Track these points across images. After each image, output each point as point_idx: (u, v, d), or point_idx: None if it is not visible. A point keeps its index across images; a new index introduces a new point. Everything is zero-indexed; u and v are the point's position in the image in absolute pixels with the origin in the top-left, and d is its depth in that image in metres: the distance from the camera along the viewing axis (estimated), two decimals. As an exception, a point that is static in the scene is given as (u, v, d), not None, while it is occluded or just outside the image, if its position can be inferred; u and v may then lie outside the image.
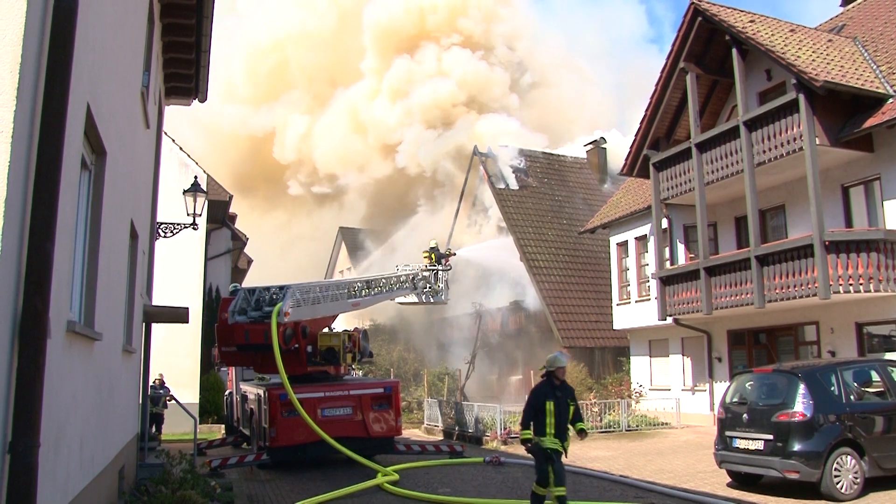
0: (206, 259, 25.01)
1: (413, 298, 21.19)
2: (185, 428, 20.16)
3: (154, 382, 19.31)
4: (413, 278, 20.83)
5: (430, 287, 21.32)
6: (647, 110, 22.64)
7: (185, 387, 21.78)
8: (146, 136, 11.11)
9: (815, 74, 16.38)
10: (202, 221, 22.29)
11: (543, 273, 31.05)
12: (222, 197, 26.17)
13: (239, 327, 14.89)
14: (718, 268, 19.64)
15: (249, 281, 33.90)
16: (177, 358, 22.01)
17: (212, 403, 24.27)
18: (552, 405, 9.04)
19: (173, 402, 18.63)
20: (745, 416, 11.54)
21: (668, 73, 21.70)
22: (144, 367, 13.43)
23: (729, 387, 12.54)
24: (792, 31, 19.36)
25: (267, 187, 47.60)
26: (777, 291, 17.64)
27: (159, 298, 16.01)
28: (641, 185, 26.25)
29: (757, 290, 18.07)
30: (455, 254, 23.24)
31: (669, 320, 22.01)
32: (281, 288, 15.42)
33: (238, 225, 30.45)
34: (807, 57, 17.43)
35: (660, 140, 22.78)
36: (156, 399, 18.96)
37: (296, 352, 15.62)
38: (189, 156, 24.33)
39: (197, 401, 22.74)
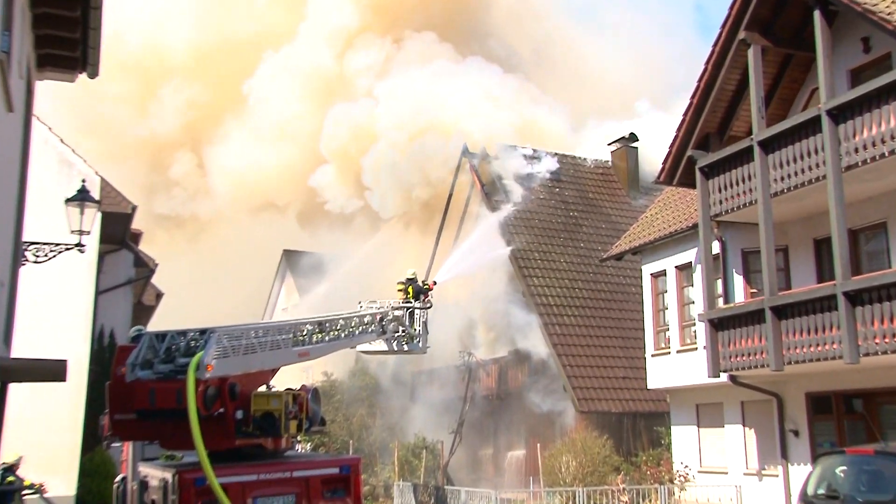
0: (98, 292, 24.60)
1: (381, 346, 21.17)
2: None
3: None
4: (381, 319, 20.84)
5: (403, 331, 21.39)
6: (693, 97, 22.54)
7: (58, 473, 21.28)
8: (7, 122, 10.55)
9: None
10: (92, 241, 21.67)
11: (554, 313, 31.30)
12: (122, 208, 25.80)
13: (141, 386, 14.35)
14: (791, 307, 19.44)
15: (159, 323, 33.99)
16: (47, 433, 21.44)
17: (96, 494, 23.43)
18: None
19: (35, 495, 17.81)
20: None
21: (722, 46, 21.60)
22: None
23: (812, 472, 12.48)
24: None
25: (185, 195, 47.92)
26: (877, 341, 17.31)
27: (25, 348, 15.49)
28: (684, 196, 26.25)
29: (847, 339, 17.75)
30: (436, 283, 23.44)
31: (724, 378, 21.82)
32: (202, 332, 15.07)
33: (144, 247, 30.41)
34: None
35: (710, 137, 22.70)
36: (5, 495, 18.14)
37: (220, 419, 15.07)
38: (75, 151, 24.01)
39: (74, 492, 22.15)
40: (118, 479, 21.14)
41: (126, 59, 42.46)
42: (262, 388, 16.68)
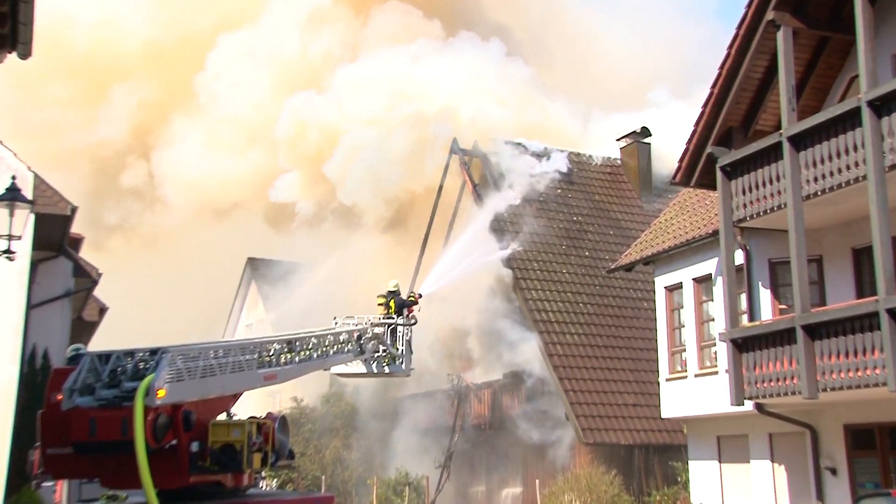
0: (30, 306, 24.22)
1: (359, 367, 21.31)
2: None
3: None
4: (359, 337, 20.78)
5: (384, 350, 21.47)
6: (713, 87, 22.55)
7: (-26, 519, 21.02)
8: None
9: None
10: (24, 247, 21.49)
11: (555, 331, 31.50)
12: (60, 210, 25.50)
13: (80, 415, 14.04)
14: (826, 326, 19.39)
15: (102, 341, 33.91)
16: (-38, 471, 21.22)
17: (23, 544, 23.31)
18: None
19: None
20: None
21: (748, 28, 21.60)
22: None
23: (853, 515, 12.18)
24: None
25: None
26: (926, 365, 17.32)
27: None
28: (703, 199, 26.35)
29: (892, 364, 17.68)
30: (421, 296, 23.65)
31: (749, 406, 21.79)
32: (153, 352, 14.73)
33: (86, 254, 30.08)
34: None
35: (733, 132, 22.72)
36: None
37: (173, 452, 14.67)
38: (2, 143, 23.68)
39: (-6, 543, 21.90)
40: (51, 524, 21.38)
41: (73, 60, 42.80)
42: (222, 417, 16.53)
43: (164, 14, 45.63)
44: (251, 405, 24.42)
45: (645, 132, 38.10)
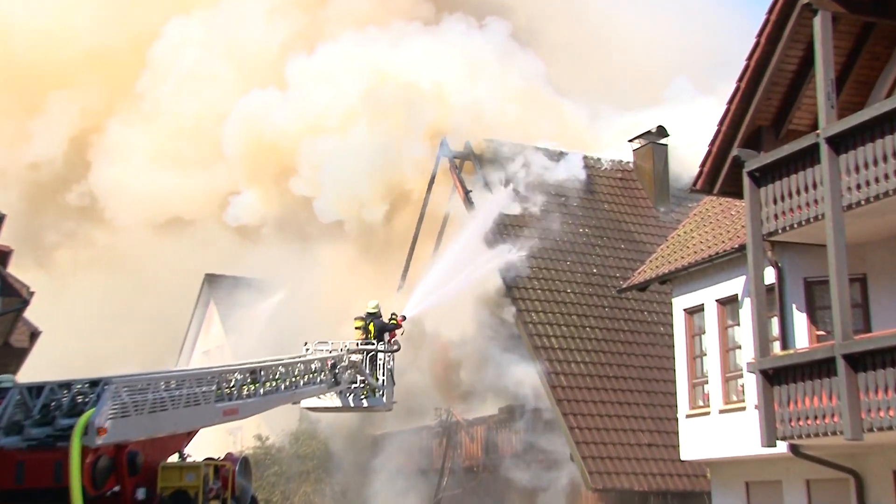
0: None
1: (333, 401, 21.62)
2: None
3: None
4: (334, 366, 20.98)
5: (362, 381, 21.75)
6: (740, 80, 22.50)
7: None
8: None
9: None
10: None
11: (558, 359, 31.48)
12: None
13: (6, 457, 14.26)
14: (872, 356, 19.29)
15: (33, 371, 32.74)
16: None
17: None
18: None
19: None
20: None
21: (780, 13, 21.52)
22: None
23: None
24: None
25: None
26: None
27: None
28: (728, 209, 26.41)
29: (950, 398, 17.70)
30: (405, 318, 23.89)
31: (782, 448, 21.68)
32: (93, 384, 15.12)
33: (15, 269, 30.02)
34: None
35: (762, 132, 22.68)
36: None
37: (115, 500, 15.04)
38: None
39: None
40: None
41: (7, 67, 43.02)
42: (174, 458, 16.65)
43: (109, 13, 45.84)
44: (208, 444, 24.11)
45: (661, 132, 37.88)
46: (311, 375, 20.43)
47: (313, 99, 38.62)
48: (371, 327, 22.05)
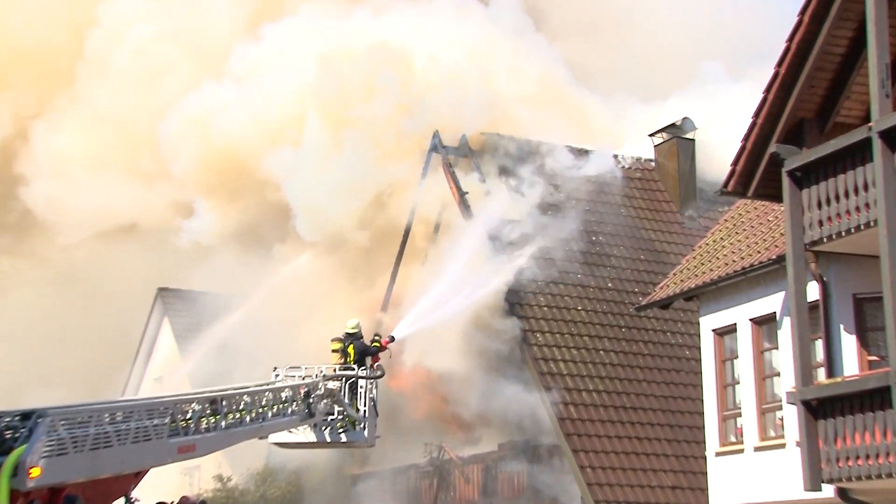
0: None
1: (306, 435, 21.89)
2: None
3: None
4: (307, 395, 21.21)
5: (340, 412, 22.06)
6: (779, 65, 22.53)
7: None
8: None
9: None
10: None
11: (567, 387, 31.55)
12: None
13: None
14: (935, 385, 19.43)
15: None
16: None
17: None
18: None
19: None
20: None
21: (825, -11, 21.71)
22: None
23: None
24: None
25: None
26: None
27: None
28: (763, 214, 26.69)
29: None
30: (393, 339, 24.44)
31: (829, 491, 21.66)
32: (25, 416, 15.12)
33: None
34: None
35: (805, 125, 22.76)
36: None
37: None
38: None
39: None
40: None
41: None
42: (120, 502, 16.69)
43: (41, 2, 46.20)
44: (160, 487, 24.16)
45: (688, 125, 37.94)
46: (280, 406, 20.53)
47: (269, 97, 38.73)
48: (351, 350, 22.21)
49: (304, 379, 21.42)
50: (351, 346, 22.20)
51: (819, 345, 23.18)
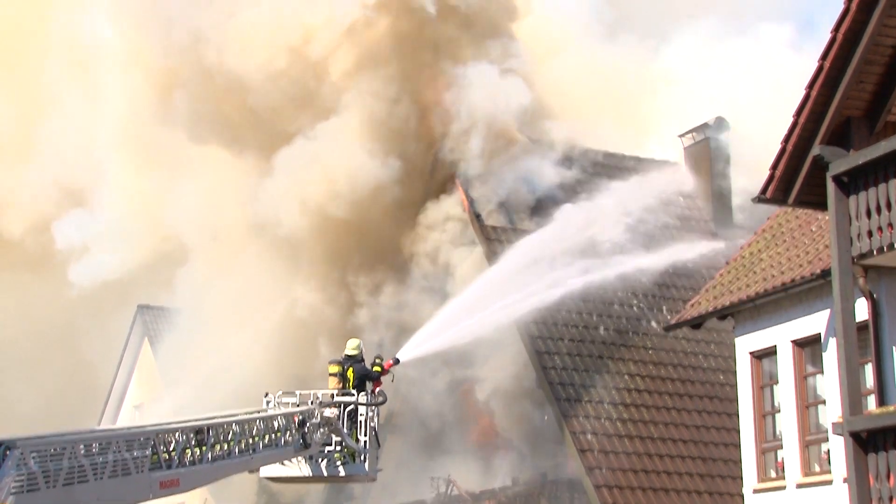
0: None
1: (301, 468, 21.92)
2: None
3: None
4: (302, 423, 21.19)
5: (339, 444, 22.11)
6: (823, 58, 22.43)
7: None
8: None
9: None
10: None
11: (588, 414, 31.45)
12: None
13: None
14: None
15: None
16: None
17: None
18: None
19: None
20: None
21: (876, -30, 21.69)
22: None
23: None
24: None
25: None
26: None
27: None
28: (805, 223, 26.74)
29: None
30: (398, 362, 24.37)
31: None
32: None
33: None
34: None
35: (852, 124, 22.67)
36: None
37: None
38: None
39: None
40: None
41: None
42: None
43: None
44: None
45: (721, 125, 37.89)
46: (273, 436, 20.57)
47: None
48: (350, 374, 22.20)
49: (298, 406, 21.42)
50: (350, 369, 22.20)
51: (869, 369, 23.04)
